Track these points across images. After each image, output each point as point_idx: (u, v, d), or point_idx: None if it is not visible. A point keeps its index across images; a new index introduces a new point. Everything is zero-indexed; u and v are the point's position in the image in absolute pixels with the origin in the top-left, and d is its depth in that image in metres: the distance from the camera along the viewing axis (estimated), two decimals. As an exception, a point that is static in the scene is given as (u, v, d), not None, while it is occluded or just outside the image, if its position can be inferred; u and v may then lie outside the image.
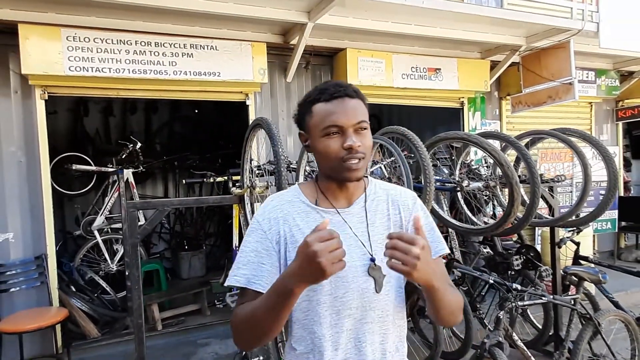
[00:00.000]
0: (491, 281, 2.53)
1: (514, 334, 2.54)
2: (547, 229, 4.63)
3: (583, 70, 6.18)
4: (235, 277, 1.12)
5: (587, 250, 4.93)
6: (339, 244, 0.91)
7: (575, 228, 3.92)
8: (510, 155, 3.78)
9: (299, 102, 1.21)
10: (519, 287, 2.46)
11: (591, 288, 3.93)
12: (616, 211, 6.42)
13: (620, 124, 7.02)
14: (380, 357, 1.16)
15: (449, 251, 1.29)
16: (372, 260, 1.14)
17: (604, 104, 6.86)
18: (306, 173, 3.34)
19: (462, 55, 5.38)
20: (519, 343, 2.55)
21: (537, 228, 5.77)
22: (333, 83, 1.15)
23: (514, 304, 2.44)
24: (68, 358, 3.68)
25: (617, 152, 6.76)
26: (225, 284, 1.17)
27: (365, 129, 1.13)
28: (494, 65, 5.57)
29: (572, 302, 2.77)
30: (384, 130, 2.89)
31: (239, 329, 1.11)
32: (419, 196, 2.63)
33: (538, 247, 5.54)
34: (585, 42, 5.33)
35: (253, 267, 1.12)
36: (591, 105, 6.73)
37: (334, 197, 1.19)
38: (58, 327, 3.80)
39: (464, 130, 5.74)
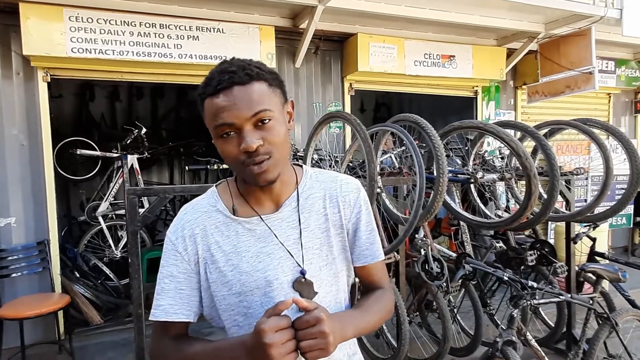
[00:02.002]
0: (505, 278, 2.41)
1: (527, 333, 2.43)
2: (561, 224, 4.49)
3: (603, 59, 5.96)
4: (154, 310, 0.99)
5: (602, 246, 4.79)
6: (293, 335, 0.83)
7: (592, 223, 3.78)
8: (527, 147, 3.64)
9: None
10: (535, 284, 2.34)
11: (605, 285, 3.79)
12: (632, 206, 6.25)
13: (639, 116, 6.79)
14: None
15: (383, 258, 1.11)
16: (302, 273, 0.99)
17: (622, 95, 6.63)
18: (314, 161, 3.23)
19: (478, 42, 5.19)
20: (533, 342, 2.44)
21: (550, 223, 5.62)
22: (219, 69, 0.93)
23: (528, 302, 2.32)
24: (70, 344, 3.63)
25: (635, 145, 6.55)
26: (150, 318, 1.01)
27: (268, 119, 0.91)
28: (510, 53, 5.38)
29: (590, 302, 2.65)
30: (395, 117, 2.76)
31: None
32: (431, 187, 2.53)
33: (551, 242, 5.40)
34: (607, 30, 5.11)
35: (170, 295, 0.98)
36: (610, 96, 6.51)
37: (257, 201, 1.01)
38: (60, 314, 3.77)
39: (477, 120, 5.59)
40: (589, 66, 4.66)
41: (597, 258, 3.84)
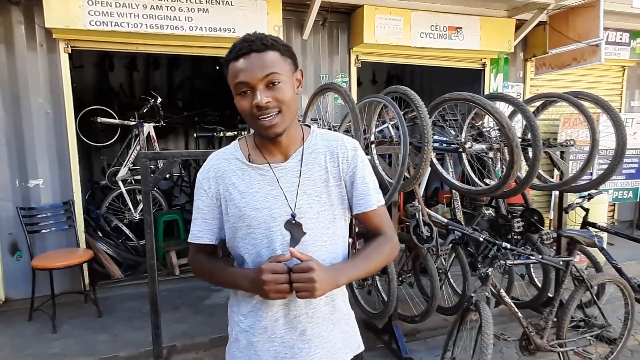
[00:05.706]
0: (481, 239, 2.60)
1: (501, 290, 2.63)
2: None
3: (616, 31, 5.86)
4: (190, 235, 1.29)
5: (600, 217, 4.88)
6: (287, 279, 1.07)
7: (587, 194, 3.89)
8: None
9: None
10: (508, 245, 2.52)
11: (601, 259, 3.90)
12: (639, 180, 6.26)
13: (654, 89, 6.67)
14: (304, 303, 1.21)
15: (382, 203, 1.28)
16: (292, 216, 1.17)
17: (637, 68, 6.51)
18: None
19: (487, 13, 5.17)
20: (507, 299, 2.64)
21: (553, 194, 5.71)
22: (242, 38, 1.13)
23: (502, 262, 2.51)
24: (94, 295, 4.01)
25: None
26: (188, 240, 1.31)
27: (278, 81, 1.10)
28: (520, 25, 5.35)
29: (565, 264, 2.82)
30: (387, 89, 2.91)
31: (198, 275, 1.34)
32: (417, 155, 2.71)
33: (552, 213, 5.51)
34: (620, 1, 5.04)
35: (198, 223, 1.26)
36: (624, 69, 6.41)
37: (268, 152, 1.21)
38: (85, 267, 4.15)
39: (484, 92, 5.64)
40: (595, 38, 4.64)
41: (590, 228, 3.97)
